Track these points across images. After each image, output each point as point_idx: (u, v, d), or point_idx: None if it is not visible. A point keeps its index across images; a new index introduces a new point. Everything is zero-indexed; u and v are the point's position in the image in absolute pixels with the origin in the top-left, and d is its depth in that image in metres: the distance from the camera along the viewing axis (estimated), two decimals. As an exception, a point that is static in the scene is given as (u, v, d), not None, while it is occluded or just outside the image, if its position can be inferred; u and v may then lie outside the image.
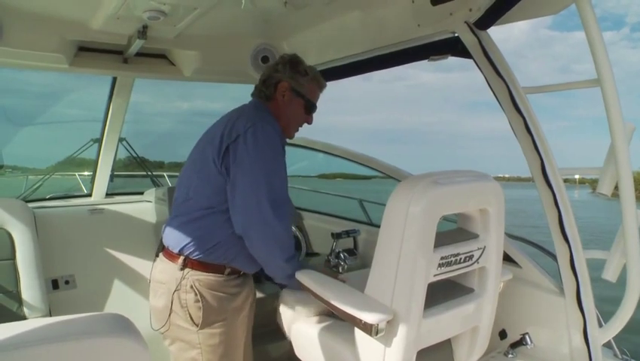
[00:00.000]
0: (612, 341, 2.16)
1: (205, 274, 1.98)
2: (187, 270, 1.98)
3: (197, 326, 1.96)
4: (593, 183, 2.38)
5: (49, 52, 2.64)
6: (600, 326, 2.12)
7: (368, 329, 1.68)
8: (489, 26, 2.15)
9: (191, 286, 1.96)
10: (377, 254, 1.77)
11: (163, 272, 2.04)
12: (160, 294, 2.03)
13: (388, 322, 1.68)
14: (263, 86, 2.17)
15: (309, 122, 2.24)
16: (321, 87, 2.25)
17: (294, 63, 2.16)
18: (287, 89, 2.14)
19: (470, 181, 1.88)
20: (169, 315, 1.99)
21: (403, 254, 1.68)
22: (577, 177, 2.29)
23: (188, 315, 1.96)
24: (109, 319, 1.12)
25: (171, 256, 2.04)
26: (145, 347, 1.05)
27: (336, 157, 3.64)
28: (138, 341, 1.04)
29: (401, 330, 1.69)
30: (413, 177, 1.85)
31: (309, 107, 2.19)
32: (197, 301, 1.95)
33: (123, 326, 1.09)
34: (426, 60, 2.60)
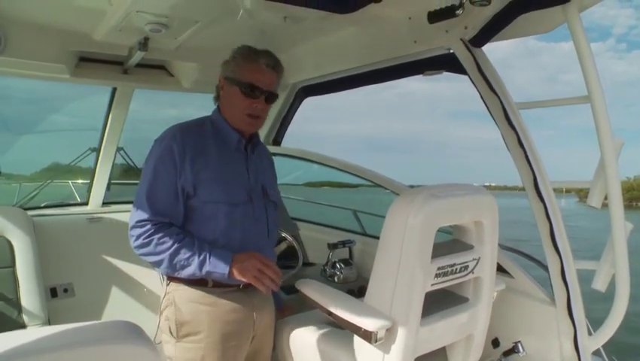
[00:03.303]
0: (601, 349, 2.22)
1: (185, 286, 1.92)
2: (170, 284, 1.96)
3: (175, 338, 1.91)
4: (580, 192, 2.41)
5: (50, 62, 2.67)
6: (590, 334, 2.18)
7: (368, 336, 1.72)
8: (483, 44, 2.22)
9: (172, 299, 1.93)
10: (376, 264, 1.82)
11: (161, 289, 2.02)
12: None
13: (387, 330, 1.73)
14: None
15: (257, 107, 1.97)
16: (258, 60, 1.97)
17: (226, 60, 2.05)
18: (223, 84, 2.02)
19: (466, 195, 1.94)
20: (157, 330, 1.95)
21: (402, 264, 1.73)
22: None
23: (168, 327, 1.93)
24: (121, 326, 1.13)
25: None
26: (157, 354, 1.07)
27: (330, 168, 3.68)
28: (150, 348, 1.06)
29: (399, 338, 1.74)
30: (412, 191, 1.90)
31: (246, 89, 1.94)
32: (173, 313, 1.91)
33: (134, 333, 1.10)
34: (420, 75, 2.67)
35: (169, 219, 1.88)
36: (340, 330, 2.01)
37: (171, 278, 1.94)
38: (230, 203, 1.93)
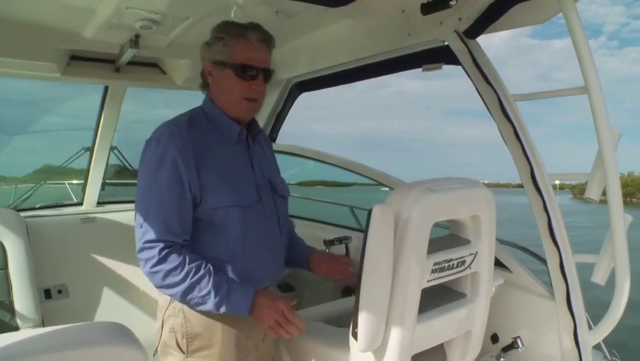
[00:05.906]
0: (602, 343, 2.20)
1: None
2: None
3: (184, 353, 1.76)
4: (574, 189, 2.38)
5: (41, 61, 2.64)
6: (590, 328, 2.15)
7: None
8: (478, 35, 2.19)
9: (180, 309, 1.77)
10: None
11: (161, 294, 1.83)
12: (158, 317, 1.86)
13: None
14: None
15: (256, 88, 1.80)
16: (248, 37, 1.77)
17: (207, 41, 1.84)
18: (210, 68, 1.83)
19: (462, 188, 1.91)
20: (159, 339, 1.82)
21: (397, 261, 1.70)
22: (557, 182, 2.32)
23: (175, 341, 1.77)
24: (109, 327, 1.12)
25: None
26: (145, 356, 1.06)
27: (326, 164, 3.66)
28: (139, 350, 1.05)
29: (396, 335, 1.71)
30: (407, 185, 1.87)
31: (241, 71, 1.76)
32: (182, 325, 1.76)
33: (123, 334, 1.09)
34: (420, 69, 2.63)
35: (181, 238, 1.69)
36: (337, 328, 1.98)
37: None
38: (241, 206, 1.76)
